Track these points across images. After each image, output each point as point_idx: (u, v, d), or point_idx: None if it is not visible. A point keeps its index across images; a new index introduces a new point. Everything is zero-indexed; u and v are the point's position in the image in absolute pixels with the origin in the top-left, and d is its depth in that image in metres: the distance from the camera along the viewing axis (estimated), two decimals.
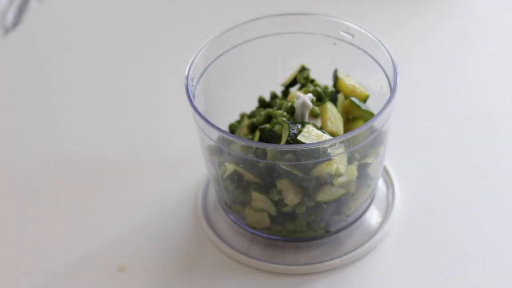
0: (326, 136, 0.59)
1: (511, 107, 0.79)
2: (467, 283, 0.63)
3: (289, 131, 0.61)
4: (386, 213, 0.68)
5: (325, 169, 0.59)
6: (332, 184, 0.60)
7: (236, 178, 0.62)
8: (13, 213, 0.72)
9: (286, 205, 0.61)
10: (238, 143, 0.60)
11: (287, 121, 0.61)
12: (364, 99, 0.66)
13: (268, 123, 0.64)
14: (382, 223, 0.67)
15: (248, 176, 0.61)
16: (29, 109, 0.84)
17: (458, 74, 0.85)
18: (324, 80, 0.67)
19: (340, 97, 0.65)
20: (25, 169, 0.76)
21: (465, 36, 0.90)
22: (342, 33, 0.67)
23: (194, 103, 0.61)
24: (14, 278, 0.66)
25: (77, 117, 0.82)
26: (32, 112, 0.83)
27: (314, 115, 0.62)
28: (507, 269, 0.63)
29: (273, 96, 0.69)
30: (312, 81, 0.67)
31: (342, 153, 0.58)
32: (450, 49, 0.88)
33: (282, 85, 0.69)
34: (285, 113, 0.62)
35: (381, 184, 0.71)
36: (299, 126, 0.61)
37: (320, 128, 0.61)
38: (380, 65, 0.65)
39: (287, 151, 0.58)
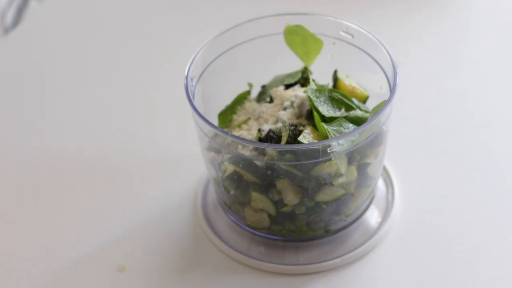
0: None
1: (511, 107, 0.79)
2: (466, 283, 0.63)
3: (289, 131, 0.61)
4: (386, 213, 0.68)
5: (325, 169, 0.59)
6: (332, 185, 0.60)
7: (236, 178, 0.62)
8: (13, 213, 0.72)
9: (286, 205, 0.61)
10: (238, 143, 0.60)
11: (287, 122, 0.61)
12: (364, 100, 0.66)
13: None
14: (381, 223, 0.68)
15: (248, 176, 0.61)
16: (29, 109, 0.84)
17: (458, 73, 0.85)
18: (324, 80, 0.67)
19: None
20: (24, 169, 0.76)
21: (465, 35, 0.90)
22: (341, 33, 0.67)
23: (193, 103, 0.61)
24: (14, 278, 0.66)
25: (76, 117, 0.82)
26: (32, 112, 0.84)
27: None
28: (506, 269, 0.63)
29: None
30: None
31: (341, 153, 0.58)
32: (450, 48, 0.88)
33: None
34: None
35: (380, 184, 0.71)
36: (299, 127, 0.61)
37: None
38: (379, 65, 0.65)
39: (287, 151, 0.58)
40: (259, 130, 0.63)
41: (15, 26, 0.97)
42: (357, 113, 0.63)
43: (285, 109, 0.63)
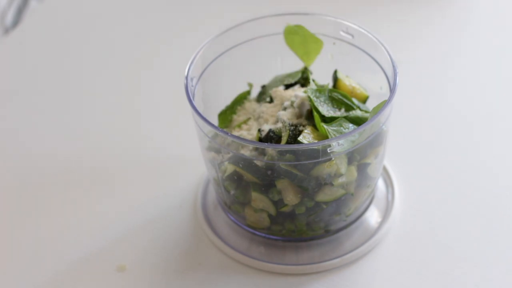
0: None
1: (511, 107, 0.79)
2: (466, 282, 0.63)
3: (289, 131, 0.61)
4: (386, 213, 0.68)
5: (325, 169, 0.59)
6: (332, 185, 0.60)
7: (236, 178, 0.62)
8: (13, 213, 0.72)
9: (286, 205, 0.61)
10: (238, 143, 0.60)
11: (287, 122, 0.61)
12: (364, 100, 0.66)
13: None
14: (381, 223, 0.68)
15: (248, 176, 0.61)
16: (28, 109, 0.84)
17: (458, 73, 0.85)
18: (324, 80, 0.67)
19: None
20: (25, 170, 0.76)
21: (465, 35, 0.90)
22: (341, 33, 0.67)
23: (193, 103, 0.61)
24: (14, 278, 0.66)
25: (76, 117, 0.82)
26: (32, 112, 0.84)
27: None
28: (507, 269, 0.63)
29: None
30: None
31: (341, 153, 0.58)
32: (450, 48, 0.88)
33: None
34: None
35: (380, 184, 0.71)
36: (299, 127, 0.61)
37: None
38: (379, 65, 0.65)
39: (287, 151, 0.58)
40: (259, 130, 0.63)
41: (15, 26, 0.97)
42: (357, 113, 0.63)
43: (285, 109, 0.63)
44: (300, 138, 0.59)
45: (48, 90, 0.86)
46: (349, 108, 0.63)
